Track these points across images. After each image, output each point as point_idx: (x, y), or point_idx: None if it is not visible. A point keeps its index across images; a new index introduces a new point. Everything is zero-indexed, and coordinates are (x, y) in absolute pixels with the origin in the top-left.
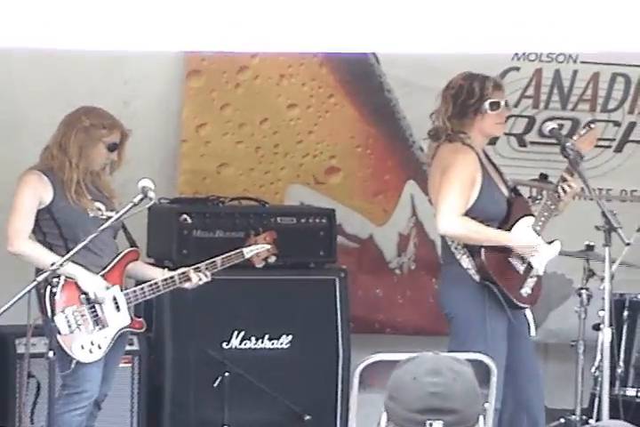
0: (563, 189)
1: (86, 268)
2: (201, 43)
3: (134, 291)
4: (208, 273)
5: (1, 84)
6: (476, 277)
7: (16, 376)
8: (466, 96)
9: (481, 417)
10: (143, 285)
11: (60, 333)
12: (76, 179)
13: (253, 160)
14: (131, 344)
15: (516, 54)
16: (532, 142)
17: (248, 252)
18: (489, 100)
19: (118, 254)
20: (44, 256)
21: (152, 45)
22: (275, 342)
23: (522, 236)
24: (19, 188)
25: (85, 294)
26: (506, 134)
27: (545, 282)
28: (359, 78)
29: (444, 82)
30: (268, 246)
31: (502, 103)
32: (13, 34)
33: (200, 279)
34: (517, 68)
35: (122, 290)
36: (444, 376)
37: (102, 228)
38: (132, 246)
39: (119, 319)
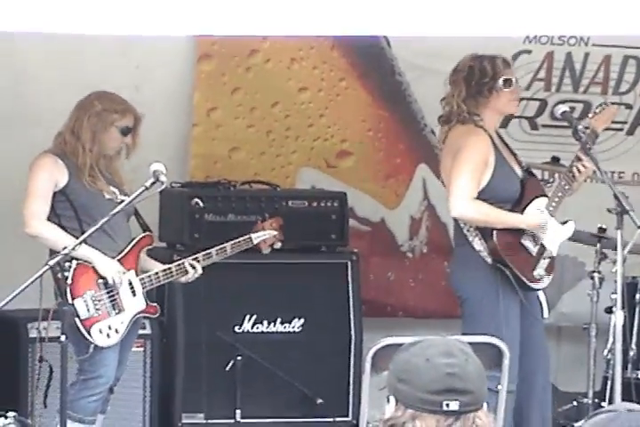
0: (577, 169)
1: (102, 252)
2: (212, 26)
3: (149, 276)
4: (198, 266)
5: (9, 70)
6: (489, 260)
7: (28, 361)
8: (479, 76)
9: (484, 404)
10: (157, 269)
11: (79, 317)
12: (89, 164)
13: (264, 144)
14: (143, 328)
15: (528, 37)
16: (544, 125)
17: (256, 238)
18: (502, 77)
19: (133, 239)
20: (62, 238)
21: (163, 29)
22: (287, 325)
23: (534, 218)
24: (33, 171)
25: (103, 278)
26: (517, 117)
27: (557, 265)
28: (370, 62)
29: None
30: (275, 233)
31: (514, 80)
32: (17, 17)
33: (196, 272)
34: (529, 51)
35: (137, 275)
36: (457, 358)
37: (114, 211)
38: (145, 231)
39: (135, 304)
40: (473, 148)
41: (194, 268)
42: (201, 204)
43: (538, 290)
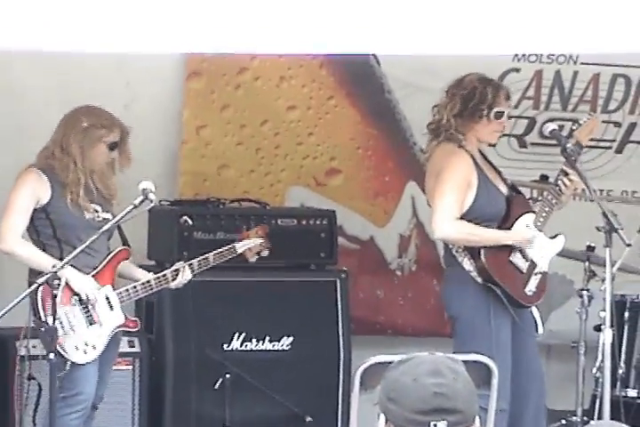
0: (563, 183)
1: (79, 269)
2: (201, 44)
3: (127, 289)
4: (189, 273)
5: (4, 86)
6: (479, 279)
7: (16, 379)
8: (478, 100)
9: (477, 418)
10: (136, 283)
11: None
12: (83, 180)
13: (254, 162)
14: (132, 346)
15: (517, 55)
16: (533, 143)
17: (240, 246)
18: (496, 109)
19: (109, 254)
20: (38, 257)
21: (153, 47)
22: (275, 343)
23: (519, 234)
24: (17, 186)
25: (78, 295)
26: (506, 135)
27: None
28: (359, 80)
29: (445, 83)
30: (260, 240)
31: (505, 113)
32: (13, 36)
33: (184, 278)
34: (518, 70)
35: (114, 289)
36: (445, 377)
37: (104, 229)
38: (123, 245)
39: (113, 318)
40: (454, 169)
41: (174, 279)
42: (190, 222)
43: (530, 307)
